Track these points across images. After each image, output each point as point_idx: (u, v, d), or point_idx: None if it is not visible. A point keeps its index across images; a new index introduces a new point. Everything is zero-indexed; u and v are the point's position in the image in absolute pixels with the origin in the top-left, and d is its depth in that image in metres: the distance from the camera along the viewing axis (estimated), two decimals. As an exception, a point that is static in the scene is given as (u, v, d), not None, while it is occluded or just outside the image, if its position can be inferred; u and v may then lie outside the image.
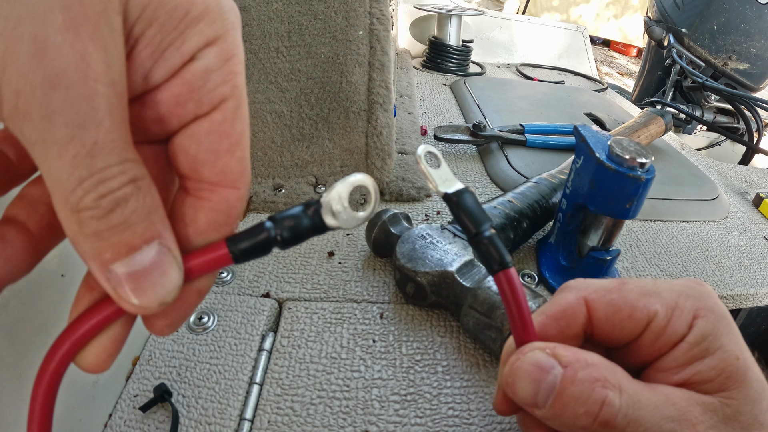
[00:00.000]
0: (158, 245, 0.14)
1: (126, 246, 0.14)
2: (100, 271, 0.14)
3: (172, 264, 0.15)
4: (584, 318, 0.20)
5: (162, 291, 0.15)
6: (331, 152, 0.59)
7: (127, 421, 0.34)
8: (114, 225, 0.13)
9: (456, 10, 1.13)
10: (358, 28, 0.56)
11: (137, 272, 0.14)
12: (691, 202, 0.65)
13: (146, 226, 0.14)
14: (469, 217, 0.19)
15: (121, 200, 0.13)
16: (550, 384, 0.18)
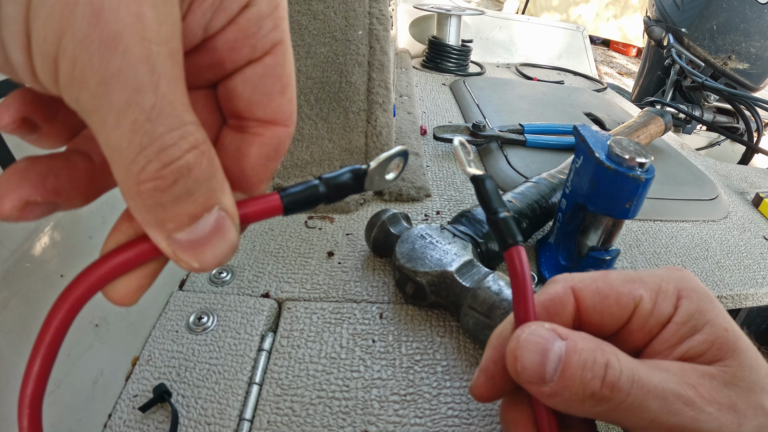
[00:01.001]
0: (218, 211, 0.14)
1: (188, 216, 0.14)
2: (161, 240, 0.14)
3: (231, 227, 0.15)
4: (573, 307, 0.21)
5: (220, 253, 0.15)
6: (331, 152, 0.59)
7: (126, 421, 0.34)
8: (177, 196, 0.13)
9: (455, 10, 1.13)
10: (358, 28, 0.56)
11: (199, 239, 0.14)
12: (691, 202, 0.65)
13: (208, 193, 0.14)
14: (490, 197, 0.21)
15: (184, 170, 0.13)
16: (557, 355, 0.18)
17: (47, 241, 0.29)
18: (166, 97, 0.12)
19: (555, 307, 0.20)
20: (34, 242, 0.28)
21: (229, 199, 0.15)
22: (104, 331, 0.34)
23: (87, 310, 0.33)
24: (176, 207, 0.13)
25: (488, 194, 0.21)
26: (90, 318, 0.33)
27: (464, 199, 0.61)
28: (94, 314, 0.33)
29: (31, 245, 0.28)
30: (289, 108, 0.17)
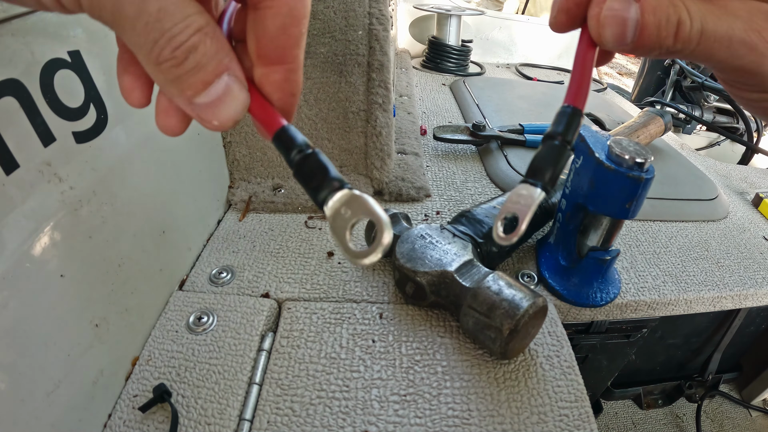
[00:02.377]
0: (227, 76, 0.18)
1: (202, 82, 0.17)
2: (185, 105, 0.18)
3: (240, 89, 0.18)
4: None
5: (234, 111, 0.18)
6: (330, 152, 0.59)
7: (126, 421, 0.34)
8: (190, 68, 0.17)
9: (455, 10, 1.13)
10: (358, 28, 0.56)
11: (214, 101, 0.18)
12: (691, 202, 0.65)
13: (215, 63, 0.17)
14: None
15: (191, 48, 0.17)
16: (633, 21, 0.19)
17: (47, 241, 0.29)
18: (169, 0, 0.16)
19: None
20: (34, 242, 0.28)
21: (236, 66, 0.18)
22: (104, 331, 0.34)
23: (87, 310, 0.33)
24: (191, 77, 0.17)
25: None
26: (90, 318, 0.33)
27: (464, 199, 0.61)
28: (94, 314, 0.33)
29: (31, 245, 0.28)
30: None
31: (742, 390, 0.86)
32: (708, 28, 0.19)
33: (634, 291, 0.50)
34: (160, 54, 0.16)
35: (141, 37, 0.16)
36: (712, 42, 0.19)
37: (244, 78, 0.19)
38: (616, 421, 0.85)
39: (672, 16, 0.19)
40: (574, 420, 0.36)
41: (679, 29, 0.19)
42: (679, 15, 0.19)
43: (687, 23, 0.19)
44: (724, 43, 0.19)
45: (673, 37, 0.19)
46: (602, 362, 0.61)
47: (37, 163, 0.28)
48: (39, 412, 0.28)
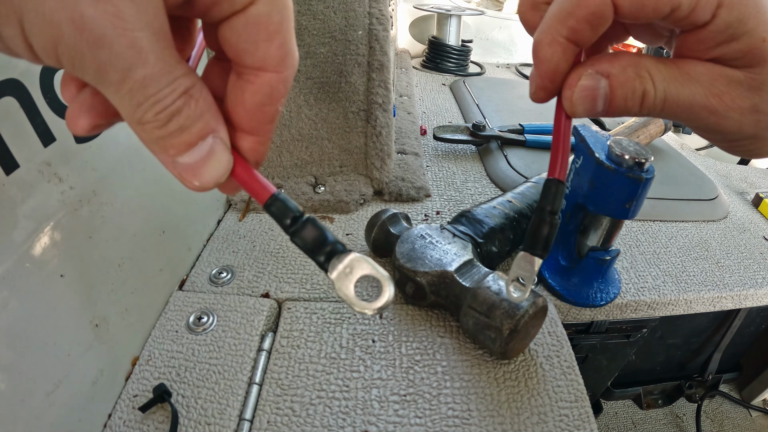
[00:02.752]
0: (212, 138, 0.18)
1: (185, 144, 0.17)
2: (167, 163, 0.18)
3: (224, 151, 0.18)
4: (611, 17, 0.21)
5: (215, 172, 0.18)
6: (330, 152, 0.59)
7: (126, 421, 0.34)
8: (172, 131, 0.17)
9: (455, 10, 1.13)
10: (358, 28, 0.56)
11: (196, 162, 0.18)
12: (691, 202, 0.65)
13: (200, 126, 0.17)
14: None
15: (174, 112, 0.16)
16: (603, 94, 0.21)
17: (47, 241, 0.29)
18: (156, 67, 0.15)
19: (596, 20, 0.20)
20: (34, 242, 0.28)
21: (222, 129, 0.18)
22: (104, 331, 0.34)
23: (87, 310, 0.33)
24: (173, 138, 0.17)
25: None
26: (90, 318, 0.33)
27: (464, 199, 0.61)
28: (94, 314, 0.33)
29: (31, 245, 0.28)
30: (279, 54, 0.18)
31: (742, 390, 0.86)
32: (671, 96, 0.21)
33: (634, 291, 0.50)
34: (143, 116, 0.16)
35: (125, 99, 0.16)
36: (675, 107, 0.21)
37: (229, 141, 0.19)
38: (616, 421, 0.85)
39: (638, 88, 0.21)
40: (574, 420, 0.36)
41: (644, 99, 0.21)
42: (644, 87, 0.21)
43: (651, 93, 0.21)
44: (686, 107, 0.21)
45: (638, 106, 0.21)
46: (602, 362, 0.61)
47: (37, 163, 0.28)
48: (39, 412, 0.28)
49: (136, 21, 0.14)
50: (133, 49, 0.15)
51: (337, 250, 0.19)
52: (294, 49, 0.19)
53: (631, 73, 0.21)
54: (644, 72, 0.21)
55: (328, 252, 0.19)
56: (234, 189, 0.21)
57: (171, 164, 0.18)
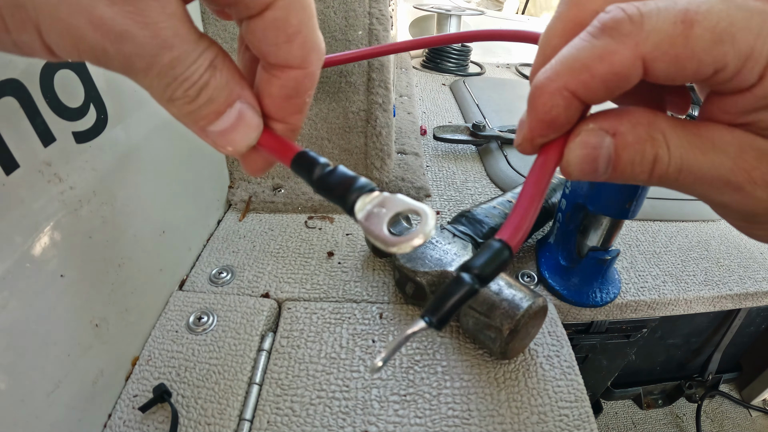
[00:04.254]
0: (239, 104, 0.18)
1: (214, 113, 0.18)
2: (199, 133, 0.18)
3: (253, 115, 0.19)
4: (638, 79, 0.17)
5: (247, 136, 0.19)
6: (330, 152, 0.59)
7: (126, 421, 0.34)
8: (202, 103, 0.17)
9: (455, 10, 1.13)
10: (358, 28, 0.56)
11: (226, 129, 0.18)
12: (691, 202, 0.65)
13: (226, 94, 0.18)
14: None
15: (202, 86, 0.17)
16: (606, 155, 0.18)
17: (47, 241, 0.29)
18: (180, 49, 0.16)
19: (617, 82, 0.17)
20: (34, 242, 0.28)
21: (248, 93, 0.19)
22: (104, 331, 0.34)
23: (87, 310, 0.33)
24: (203, 110, 0.17)
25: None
26: (90, 318, 0.33)
27: (464, 199, 0.61)
28: (94, 314, 0.33)
29: (31, 245, 0.28)
30: (301, 53, 0.18)
31: (742, 390, 0.86)
32: (688, 165, 0.17)
33: (634, 291, 0.50)
34: (173, 95, 0.17)
35: (153, 82, 0.16)
36: (691, 179, 0.17)
37: (257, 104, 0.19)
38: (616, 421, 0.85)
39: (648, 152, 0.17)
40: (574, 420, 0.36)
41: (655, 166, 0.17)
42: (656, 151, 0.17)
43: (665, 160, 0.17)
44: (705, 180, 0.17)
45: (648, 173, 0.18)
46: (602, 362, 0.61)
47: (37, 163, 0.28)
48: (39, 412, 0.28)
49: (157, 12, 0.15)
50: (158, 39, 0.15)
51: (367, 189, 0.17)
52: (318, 42, 0.19)
53: (643, 133, 0.17)
54: (658, 134, 0.17)
55: (354, 199, 0.17)
56: (263, 166, 0.21)
57: (203, 133, 0.18)
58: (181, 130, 0.48)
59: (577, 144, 0.18)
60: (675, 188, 0.18)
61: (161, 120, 0.41)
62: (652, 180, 0.18)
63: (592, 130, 0.18)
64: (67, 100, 0.31)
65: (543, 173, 0.18)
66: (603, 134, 0.18)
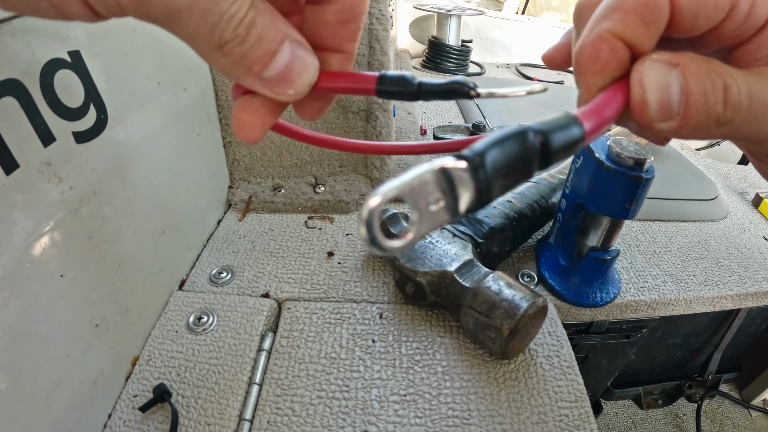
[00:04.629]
0: (289, 42, 0.18)
1: (268, 53, 0.17)
2: (255, 82, 0.18)
3: (306, 52, 0.18)
4: (667, 12, 0.17)
5: (306, 75, 0.18)
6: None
7: (126, 421, 0.34)
8: (253, 43, 0.17)
9: (455, 10, 1.13)
10: (358, 28, 0.56)
11: (282, 70, 0.17)
12: (691, 202, 0.65)
13: (275, 31, 0.17)
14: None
15: (250, 24, 0.16)
16: (677, 86, 0.17)
17: (47, 241, 0.29)
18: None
19: (649, 14, 0.17)
20: (34, 242, 0.28)
21: (294, 32, 0.18)
22: (104, 331, 0.34)
23: (87, 310, 0.33)
24: (255, 51, 0.17)
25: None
26: (90, 318, 0.33)
27: (464, 199, 0.61)
28: (94, 314, 0.33)
29: (31, 245, 0.28)
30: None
31: (742, 390, 0.86)
32: (756, 90, 0.17)
33: (634, 291, 0.50)
34: (222, 36, 0.16)
35: (199, 25, 0.16)
36: (762, 105, 0.17)
37: (305, 41, 0.19)
38: (616, 421, 0.85)
39: (717, 81, 0.17)
40: (574, 420, 0.36)
41: (727, 94, 0.17)
42: (724, 80, 0.17)
43: (734, 87, 0.17)
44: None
45: (722, 103, 0.17)
46: (602, 362, 0.61)
47: (37, 163, 0.28)
48: (39, 412, 0.28)
49: None
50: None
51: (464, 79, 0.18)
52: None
53: (704, 64, 0.17)
54: (717, 66, 0.17)
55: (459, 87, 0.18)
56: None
57: (260, 83, 0.18)
58: (181, 130, 0.48)
59: (647, 68, 0.17)
60: (744, 125, 0.18)
61: (161, 120, 0.41)
62: (727, 111, 0.17)
63: (656, 60, 0.17)
64: (67, 100, 0.31)
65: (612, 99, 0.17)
66: (668, 65, 0.17)
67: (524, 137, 0.14)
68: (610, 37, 0.17)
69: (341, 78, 0.19)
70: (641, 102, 0.17)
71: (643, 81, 0.17)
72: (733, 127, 0.17)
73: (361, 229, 0.12)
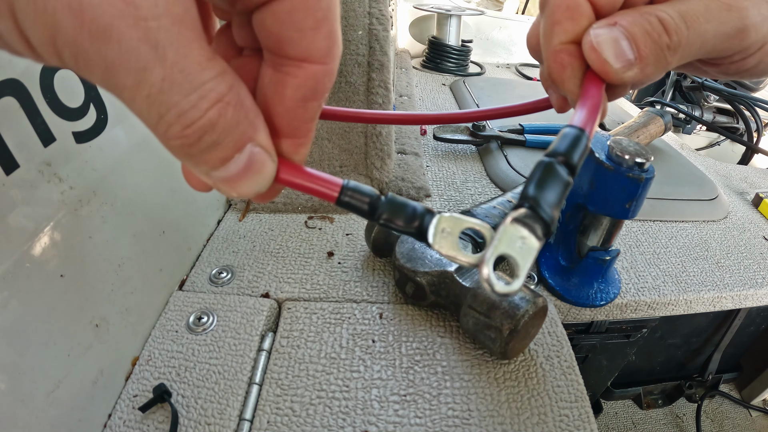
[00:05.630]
0: (251, 147, 0.15)
1: (219, 159, 0.15)
2: (201, 175, 0.15)
3: (266, 161, 0.16)
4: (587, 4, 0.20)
5: (256, 184, 0.16)
6: (330, 152, 0.59)
7: (126, 421, 0.34)
8: (204, 148, 0.14)
9: (455, 10, 1.13)
10: (358, 28, 0.56)
11: (233, 176, 0.15)
12: (691, 202, 0.65)
13: (237, 136, 0.15)
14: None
15: (207, 126, 0.14)
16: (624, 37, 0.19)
17: (47, 241, 0.29)
18: (177, 65, 0.13)
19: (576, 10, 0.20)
20: (34, 242, 0.28)
21: (263, 135, 0.16)
22: (104, 331, 0.34)
23: (87, 310, 0.33)
24: (206, 155, 0.14)
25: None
26: (90, 318, 0.33)
27: (464, 199, 0.61)
28: (94, 314, 0.33)
29: (31, 245, 0.28)
30: (326, 44, 0.16)
31: (742, 390, 0.86)
32: (685, 10, 0.19)
33: (634, 291, 0.50)
34: (167, 131, 0.13)
35: (143, 108, 0.13)
36: (695, 22, 0.19)
37: (272, 145, 0.16)
38: (616, 421, 0.85)
39: (651, 18, 0.19)
40: (574, 420, 0.36)
41: (665, 24, 0.19)
42: (656, 14, 0.19)
43: (667, 17, 0.19)
44: (707, 16, 0.19)
45: (665, 33, 0.19)
46: (602, 362, 0.61)
47: (37, 163, 0.28)
48: (39, 412, 0.28)
49: (150, 7, 0.12)
50: (148, 44, 0.12)
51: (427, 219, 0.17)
52: (340, 37, 0.17)
53: (635, 12, 0.20)
54: (647, 8, 0.20)
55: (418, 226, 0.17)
56: (276, 192, 0.18)
57: (205, 176, 0.15)
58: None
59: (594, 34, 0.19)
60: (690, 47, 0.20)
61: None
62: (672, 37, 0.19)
63: (595, 27, 0.19)
64: (67, 100, 0.31)
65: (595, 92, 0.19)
66: (607, 26, 0.19)
67: (554, 168, 0.17)
68: (561, 47, 0.20)
69: (300, 175, 0.17)
70: (602, 63, 0.19)
71: (593, 46, 0.19)
72: (685, 48, 0.20)
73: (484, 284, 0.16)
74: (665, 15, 0.19)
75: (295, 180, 0.17)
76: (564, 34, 0.20)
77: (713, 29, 0.20)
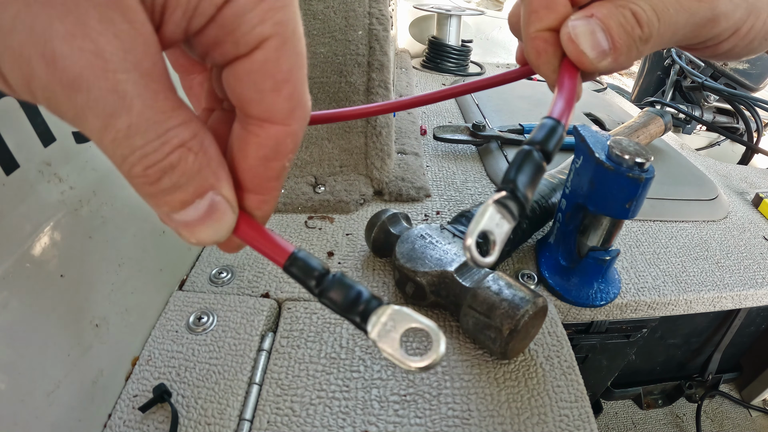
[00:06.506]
0: (212, 195, 0.15)
1: (179, 202, 0.15)
2: (161, 216, 0.16)
3: (226, 211, 0.16)
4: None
5: (214, 233, 0.16)
6: (330, 152, 0.59)
7: (126, 421, 0.34)
8: (164, 188, 0.14)
9: (455, 10, 1.13)
10: (358, 28, 0.56)
11: (192, 221, 0.15)
12: (691, 202, 0.65)
13: (198, 184, 0.15)
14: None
15: (167, 168, 0.14)
16: (599, 29, 0.20)
17: (47, 241, 0.29)
18: (143, 115, 0.13)
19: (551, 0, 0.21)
20: (34, 242, 0.28)
21: (225, 185, 0.16)
22: (104, 331, 0.34)
23: (87, 310, 0.33)
24: (166, 196, 0.15)
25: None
26: (90, 318, 0.33)
27: (464, 199, 0.61)
28: (94, 314, 0.33)
29: (31, 245, 0.28)
30: (288, 106, 0.16)
31: (742, 390, 0.86)
32: (656, 3, 0.20)
33: (634, 291, 0.50)
34: (131, 170, 0.14)
35: (108, 149, 0.14)
36: (666, 14, 0.20)
37: (235, 197, 0.16)
38: (616, 421, 0.85)
39: (625, 11, 0.20)
40: (574, 420, 0.36)
41: (637, 17, 0.20)
42: (629, 8, 0.20)
43: (639, 10, 0.20)
44: (674, 8, 0.20)
45: (638, 25, 0.20)
46: (602, 362, 0.61)
47: (37, 163, 0.28)
48: (39, 412, 0.28)
49: (120, 61, 0.12)
50: (116, 94, 0.13)
51: (373, 306, 0.16)
52: (305, 98, 0.17)
53: (610, 5, 0.21)
54: (621, 1, 0.21)
55: (363, 310, 0.16)
56: (238, 247, 0.18)
57: (166, 217, 0.16)
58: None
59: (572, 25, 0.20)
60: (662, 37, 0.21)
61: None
62: (644, 29, 0.20)
63: (573, 18, 0.20)
64: (67, 100, 0.31)
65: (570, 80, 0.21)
66: (584, 18, 0.20)
67: (531, 155, 0.18)
68: (538, 34, 0.21)
69: (255, 234, 0.17)
70: (578, 53, 0.21)
71: (571, 37, 0.20)
72: (657, 39, 0.21)
73: (466, 253, 0.16)
74: (638, 8, 0.20)
75: (249, 237, 0.17)
76: (540, 22, 0.21)
77: (684, 20, 0.20)
